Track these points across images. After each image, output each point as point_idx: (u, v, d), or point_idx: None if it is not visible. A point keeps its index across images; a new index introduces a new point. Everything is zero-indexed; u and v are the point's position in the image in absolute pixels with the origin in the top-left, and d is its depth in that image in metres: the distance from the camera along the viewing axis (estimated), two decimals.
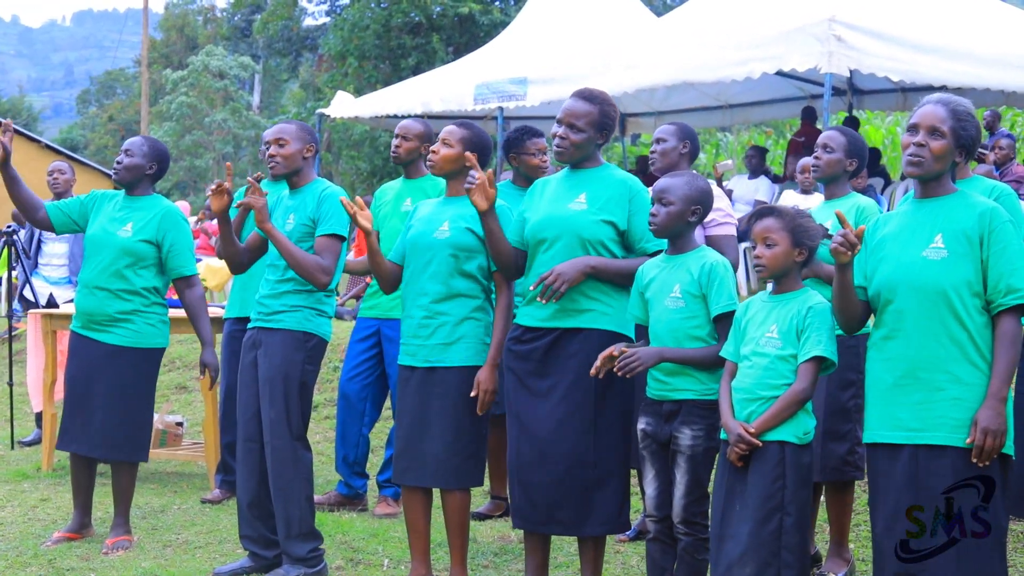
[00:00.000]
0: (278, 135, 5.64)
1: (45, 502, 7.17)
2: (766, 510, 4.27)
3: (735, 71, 10.42)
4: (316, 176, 5.74)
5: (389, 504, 6.90)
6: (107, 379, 6.09)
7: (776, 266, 4.45)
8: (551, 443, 4.88)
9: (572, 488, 4.86)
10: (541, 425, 4.91)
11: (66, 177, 9.10)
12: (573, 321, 4.91)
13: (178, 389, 10.87)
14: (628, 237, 4.95)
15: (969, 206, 4.08)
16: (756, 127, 24.35)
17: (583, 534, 4.97)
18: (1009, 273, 3.97)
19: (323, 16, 37.20)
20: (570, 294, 4.88)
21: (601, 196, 4.94)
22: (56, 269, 9.34)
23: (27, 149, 27.82)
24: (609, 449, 4.88)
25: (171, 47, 55.59)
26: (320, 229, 5.51)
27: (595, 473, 4.86)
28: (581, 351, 4.87)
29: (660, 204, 4.74)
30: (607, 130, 5.03)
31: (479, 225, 5.17)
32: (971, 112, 4.19)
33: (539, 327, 4.97)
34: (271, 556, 5.64)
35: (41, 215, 6.24)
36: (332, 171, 29.23)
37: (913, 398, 4.04)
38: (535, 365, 4.97)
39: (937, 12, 10.86)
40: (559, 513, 4.89)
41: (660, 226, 4.75)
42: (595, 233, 4.89)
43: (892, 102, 14.57)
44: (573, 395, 4.87)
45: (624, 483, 4.95)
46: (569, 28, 14.40)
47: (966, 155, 4.18)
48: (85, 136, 59.10)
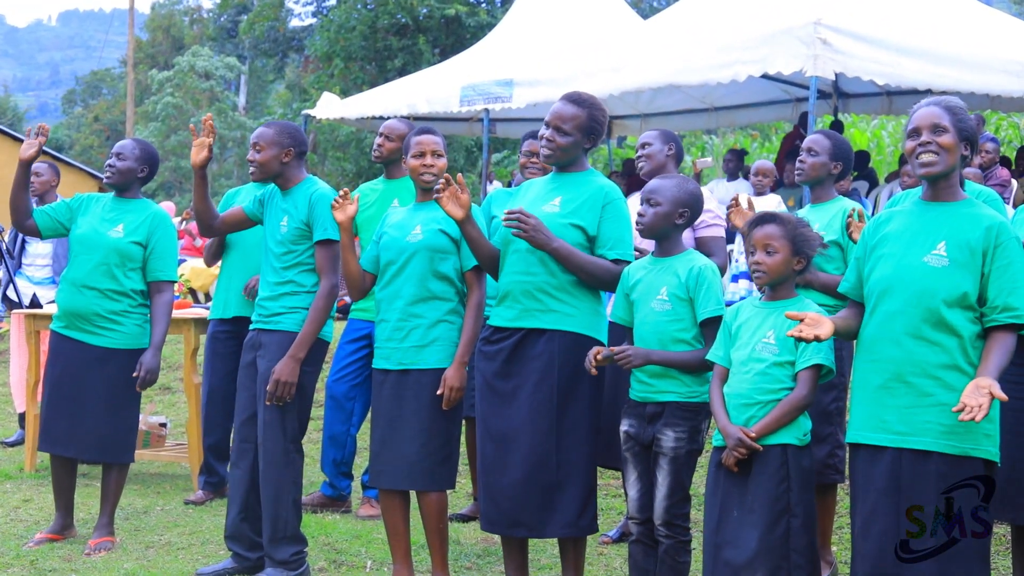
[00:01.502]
0: (255, 139, 5.66)
1: (27, 503, 7.15)
2: (774, 514, 4.27)
3: (721, 74, 10.43)
4: (306, 175, 5.72)
5: (372, 506, 6.89)
6: (97, 381, 6.08)
7: (776, 274, 4.44)
8: (513, 443, 4.89)
9: (533, 490, 4.86)
10: (505, 426, 4.93)
11: (43, 179, 9.03)
12: (538, 321, 4.92)
13: (161, 390, 10.84)
14: (595, 242, 4.95)
15: (977, 217, 4.05)
16: (742, 130, 24.39)
17: (544, 536, 5.00)
18: (1009, 291, 3.96)
19: (309, 17, 37.21)
20: (535, 294, 4.91)
21: (575, 200, 4.96)
22: (40, 269, 9.31)
23: (12, 149, 27.75)
24: (572, 451, 4.88)
25: (157, 47, 55.57)
26: (318, 235, 5.51)
27: (557, 475, 4.86)
28: (545, 352, 4.89)
29: (648, 205, 4.76)
30: (594, 135, 5.04)
31: (451, 226, 5.22)
32: (965, 108, 4.20)
33: (506, 327, 4.99)
34: (255, 558, 5.63)
35: (29, 222, 6.25)
36: (318, 172, 29.20)
37: (900, 401, 4.04)
38: (500, 366, 4.98)
39: (922, 16, 10.88)
40: (522, 515, 4.90)
41: (647, 226, 4.75)
42: (562, 236, 4.88)
43: (877, 105, 14.61)
44: (536, 397, 4.87)
45: (588, 485, 4.94)
46: (555, 30, 14.41)
47: (971, 149, 4.15)
48: (70, 136, 58.96)
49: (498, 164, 25.34)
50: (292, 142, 5.65)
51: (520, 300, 4.95)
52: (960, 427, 3.93)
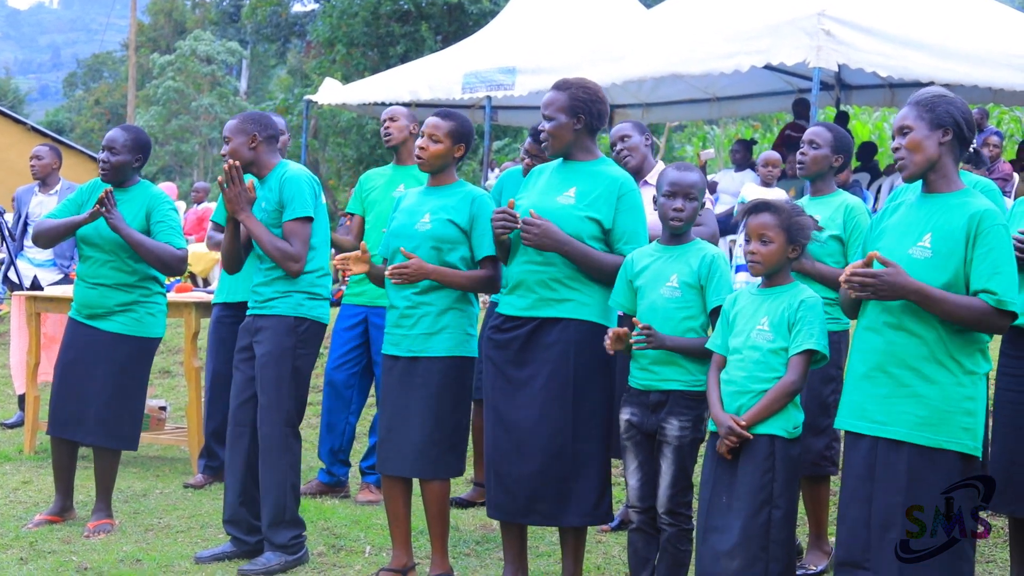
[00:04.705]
0: (224, 133, 5.67)
1: (27, 484, 7.16)
2: (756, 503, 4.28)
3: (723, 64, 10.43)
4: (279, 160, 5.72)
5: (371, 491, 6.90)
6: (105, 366, 6.10)
7: (772, 263, 4.45)
8: (529, 434, 4.87)
9: (551, 479, 4.85)
10: (519, 415, 4.90)
11: (44, 163, 9.10)
12: (552, 311, 4.90)
13: (161, 374, 10.85)
14: (611, 235, 4.94)
15: (964, 206, 4.04)
16: (743, 120, 24.36)
17: (562, 524, 4.98)
18: (988, 276, 3.96)
19: (312, 3, 37.18)
20: (550, 284, 4.89)
21: (591, 192, 4.92)
22: (41, 251, 9.30)
23: (13, 131, 27.69)
24: (588, 440, 4.88)
25: (159, 31, 55.46)
26: (286, 215, 5.52)
27: (574, 464, 4.85)
28: (560, 341, 4.87)
29: (686, 199, 4.72)
30: (581, 113, 4.95)
31: (460, 216, 5.20)
32: (942, 96, 4.16)
33: (519, 316, 4.96)
34: (253, 542, 5.64)
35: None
36: (319, 158, 29.21)
37: (880, 391, 4.08)
38: (514, 354, 4.96)
39: (926, 8, 10.87)
40: (538, 504, 4.88)
41: (687, 220, 4.74)
42: (578, 229, 4.86)
43: (880, 97, 14.60)
44: (552, 385, 4.85)
45: (604, 474, 4.93)
46: (558, 18, 14.40)
47: (961, 132, 4.09)
48: (71, 119, 58.86)
49: (499, 152, 25.31)
50: (257, 127, 5.64)
51: (535, 289, 4.92)
52: (935, 419, 3.99)
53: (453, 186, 5.35)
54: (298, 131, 21.70)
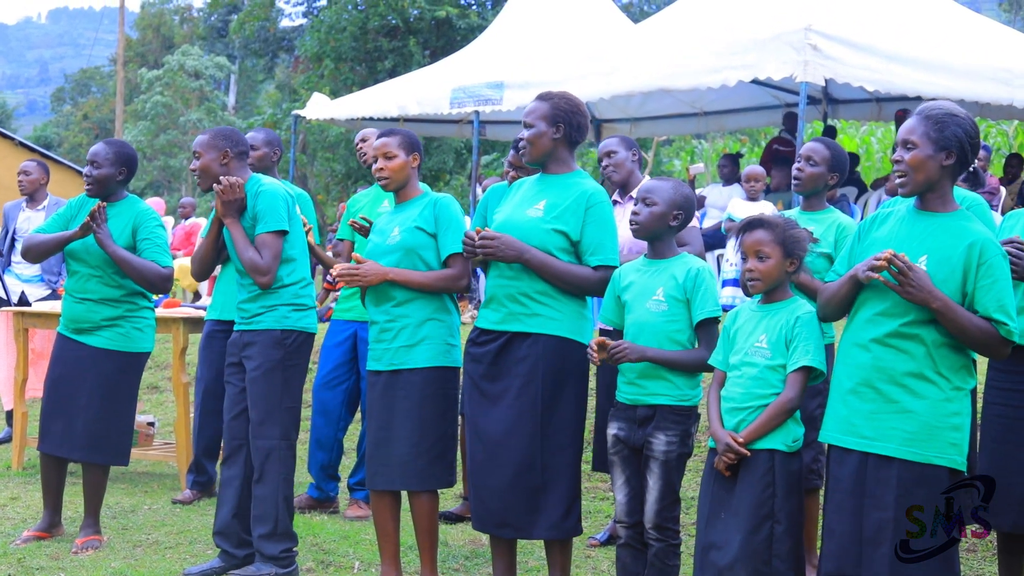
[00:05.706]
0: (193, 147, 5.69)
1: (15, 500, 7.14)
2: (757, 518, 4.29)
3: (711, 78, 10.46)
4: (250, 175, 5.72)
5: (360, 507, 6.90)
6: (93, 381, 6.09)
7: (771, 279, 4.46)
8: (500, 446, 4.93)
9: (520, 492, 4.91)
10: (492, 428, 4.97)
11: (32, 178, 9.11)
12: (522, 325, 4.96)
13: (150, 389, 10.82)
14: (579, 247, 4.97)
15: (962, 232, 4.05)
16: (731, 135, 24.44)
17: (531, 537, 5.04)
18: (995, 307, 3.98)
19: (300, 17, 37.09)
20: (519, 299, 4.94)
21: (559, 205, 4.98)
22: (28, 267, 9.28)
23: (0, 147, 27.67)
24: (557, 453, 4.92)
25: (147, 46, 55.41)
26: (258, 228, 5.54)
27: (542, 478, 4.90)
28: (530, 355, 4.92)
29: (644, 204, 4.78)
30: (562, 122, 5.03)
31: (426, 221, 5.27)
32: (950, 113, 4.11)
33: (492, 330, 5.04)
34: (242, 556, 5.63)
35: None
36: (307, 173, 29.16)
37: (868, 407, 4.10)
38: (487, 368, 5.02)
39: (913, 23, 10.91)
40: (508, 517, 4.95)
41: (641, 226, 4.77)
42: (544, 241, 4.93)
43: (867, 112, 14.65)
44: (522, 399, 4.91)
45: (573, 488, 4.98)
46: (546, 33, 14.42)
47: (964, 155, 4.08)
48: (59, 134, 58.74)
49: (487, 166, 25.32)
50: (228, 143, 5.66)
51: (505, 304, 4.99)
52: (923, 434, 4.01)
53: (418, 198, 5.43)
54: (286, 146, 21.71)
